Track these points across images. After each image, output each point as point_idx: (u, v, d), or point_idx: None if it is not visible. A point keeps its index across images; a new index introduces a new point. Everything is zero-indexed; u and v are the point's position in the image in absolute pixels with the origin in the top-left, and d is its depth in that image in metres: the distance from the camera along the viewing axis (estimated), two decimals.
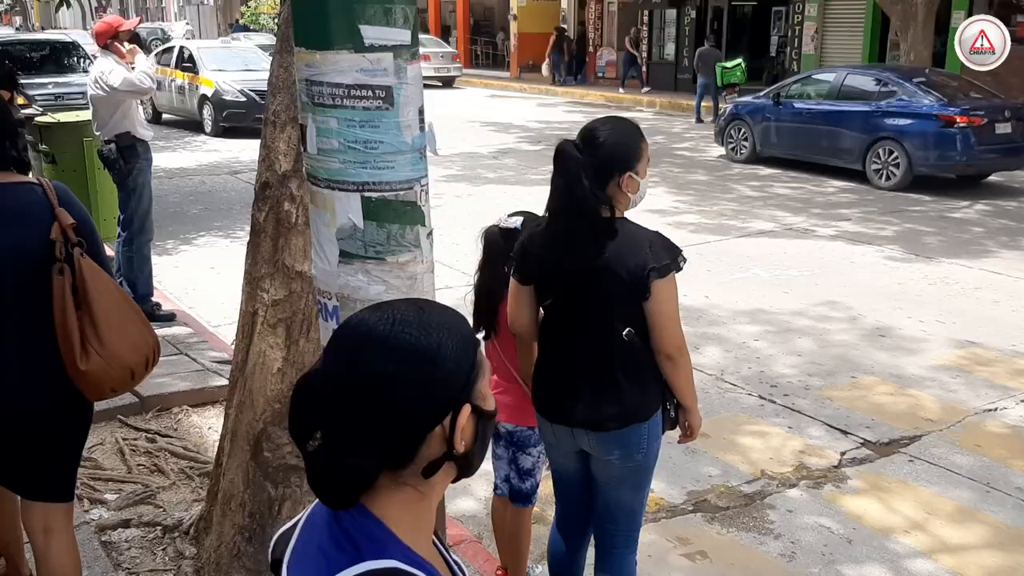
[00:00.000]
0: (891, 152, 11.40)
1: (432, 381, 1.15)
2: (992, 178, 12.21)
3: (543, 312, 2.79)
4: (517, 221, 3.03)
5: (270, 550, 1.31)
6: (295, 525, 1.29)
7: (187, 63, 17.34)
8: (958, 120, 10.87)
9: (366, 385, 1.14)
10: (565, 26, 26.91)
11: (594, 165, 2.55)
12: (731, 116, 13.89)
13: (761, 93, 14.17)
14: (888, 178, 11.46)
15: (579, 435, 2.72)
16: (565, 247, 2.61)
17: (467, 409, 1.18)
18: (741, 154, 13.52)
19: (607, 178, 2.57)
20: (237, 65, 17.01)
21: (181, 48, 18.28)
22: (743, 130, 13.53)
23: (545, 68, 26.33)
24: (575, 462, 2.84)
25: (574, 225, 2.59)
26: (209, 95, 16.40)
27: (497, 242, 3.05)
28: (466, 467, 1.22)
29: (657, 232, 2.64)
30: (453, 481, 1.24)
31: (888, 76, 12.15)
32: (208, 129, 16.55)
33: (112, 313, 2.54)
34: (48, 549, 2.74)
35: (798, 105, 12.78)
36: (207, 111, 16.61)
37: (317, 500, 1.26)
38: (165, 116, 18.30)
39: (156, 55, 19.14)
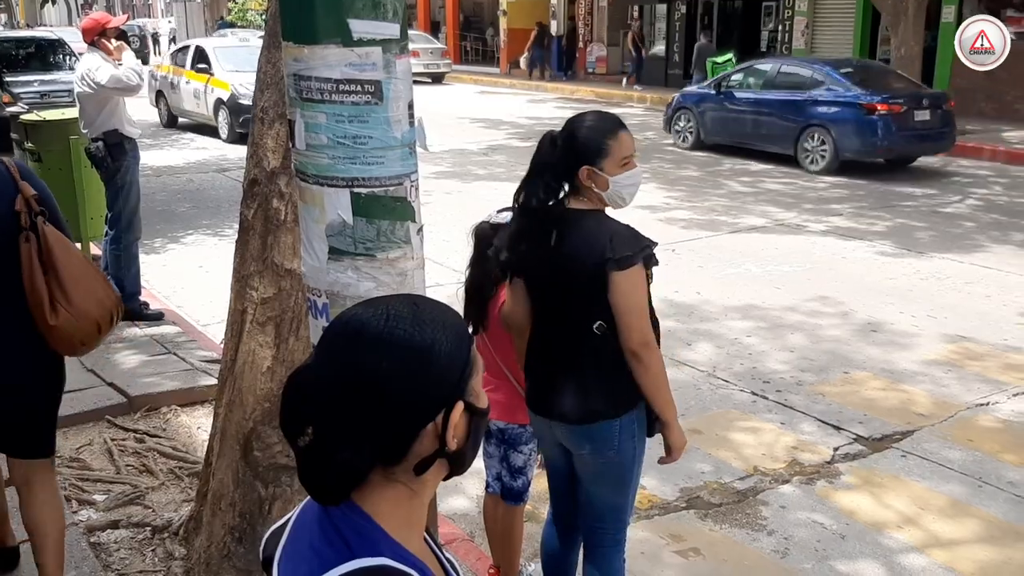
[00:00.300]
0: (820, 138, 12.15)
1: (426, 378, 1.14)
2: (920, 162, 12.81)
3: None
4: (507, 216, 3.02)
5: (261, 548, 1.30)
6: (286, 523, 1.28)
7: (202, 64, 15.83)
8: (879, 108, 11.60)
9: (359, 381, 1.13)
10: (553, 22, 26.90)
11: (562, 157, 2.56)
12: (677, 106, 14.47)
13: (704, 84, 14.82)
14: (816, 162, 12.19)
15: (555, 428, 2.72)
16: (528, 239, 2.61)
17: (460, 406, 1.17)
18: (687, 141, 14.13)
19: (572, 171, 2.56)
20: (256, 66, 15.67)
21: (197, 48, 16.69)
22: (689, 119, 14.17)
23: (523, 63, 26.39)
24: (560, 455, 2.83)
25: (530, 216, 2.60)
26: (225, 99, 14.93)
27: (488, 237, 3.04)
28: (458, 464, 1.21)
29: (627, 226, 2.58)
30: (444, 479, 1.23)
31: (817, 67, 12.87)
32: (224, 135, 15.21)
33: (76, 274, 2.74)
34: (31, 497, 2.94)
35: (738, 95, 13.45)
36: (223, 116, 15.17)
37: (308, 498, 1.25)
38: (181, 120, 17.20)
39: (171, 55, 17.74)
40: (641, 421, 2.66)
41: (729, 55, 17.76)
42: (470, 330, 3.07)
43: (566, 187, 2.60)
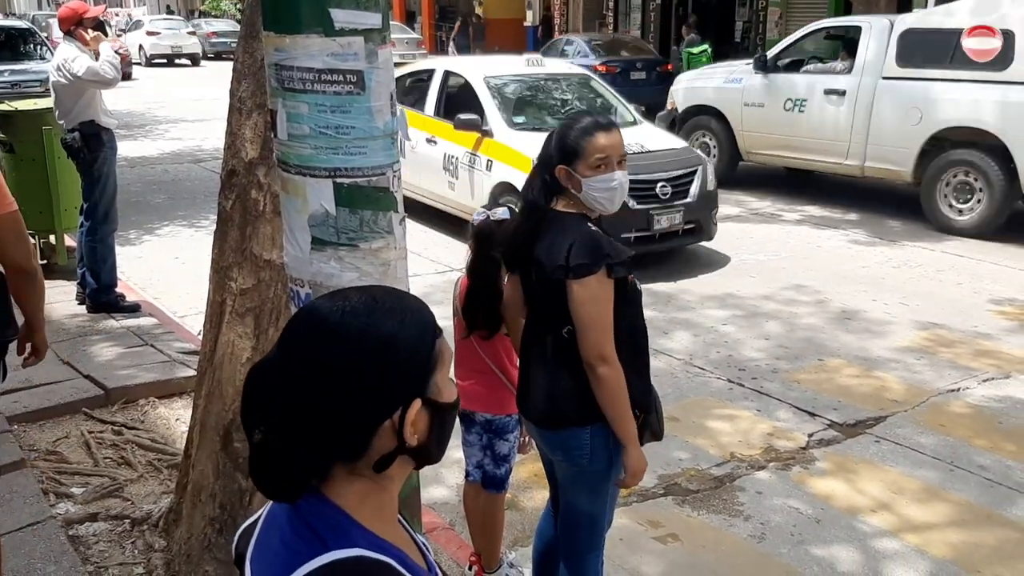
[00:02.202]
0: None
1: (382, 372, 1.12)
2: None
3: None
4: (504, 212, 3.05)
5: (234, 545, 1.29)
6: (257, 520, 1.27)
7: (462, 108, 8.12)
8: (598, 68, 16.03)
9: (314, 374, 1.12)
10: (529, 12, 26.84)
11: (550, 155, 2.55)
12: None
13: None
14: None
15: (532, 429, 2.73)
16: (519, 236, 2.62)
17: (417, 403, 1.15)
18: None
19: (553, 170, 2.53)
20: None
21: (447, 76, 8.88)
22: None
23: (451, 52, 26.53)
24: (546, 453, 2.82)
25: (523, 217, 2.63)
26: (517, 184, 6.99)
27: (489, 235, 2.99)
28: (423, 459, 1.20)
29: (592, 232, 2.48)
30: (415, 469, 1.23)
31: (576, 40, 18.50)
32: None
33: None
34: None
35: None
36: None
37: None
38: (411, 195, 8.35)
39: (402, 81, 9.38)
40: (605, 431, 2.55)
41: (705, 46, 17.88)
42: (484, 335, 3.04)
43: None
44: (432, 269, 6.97)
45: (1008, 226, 8.49)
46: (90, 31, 5.77)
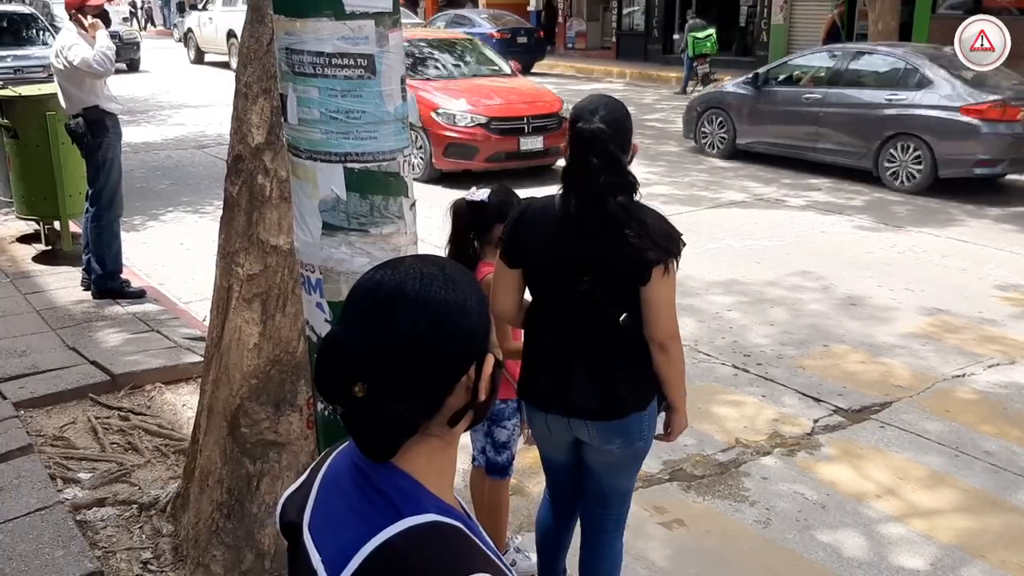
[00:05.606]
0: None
1: (463, 334, 1.18)
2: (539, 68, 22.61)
3: (532, 296, 2.70)
4: (484, 194, 3.03)
5: (279, 513, 1.31)
6: (305, 487, 1.28)
7: None
8: (495, 35, 21.65)
9: (404, 341, 1.15)
10: None
11: (622, 141, 2.50)
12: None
13: None
14: None
15: (576, 425, 2.64)
16: (584, 231, 2.48)
17: (491, 359, 1.21)
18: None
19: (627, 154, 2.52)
20: None
21: None
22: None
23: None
24: (567, 452, 2.78)
25: (602, 207, 2.45)
26: None
27: (464, 215, 3.05)
28: (482, 414, 1.25)
29: (661, 215, 2.60)
30: (466, 428, 1.26)
31: (481, 17, 23.88)
32: None
33: None
34: None
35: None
36: None
37: (330, 460, 1.27)
38: None
39: None
40: (656, 407, 2.68)
41: (710, 31, 17.82)
42: None
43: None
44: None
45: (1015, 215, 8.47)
46: (89, 18, 5.72)
